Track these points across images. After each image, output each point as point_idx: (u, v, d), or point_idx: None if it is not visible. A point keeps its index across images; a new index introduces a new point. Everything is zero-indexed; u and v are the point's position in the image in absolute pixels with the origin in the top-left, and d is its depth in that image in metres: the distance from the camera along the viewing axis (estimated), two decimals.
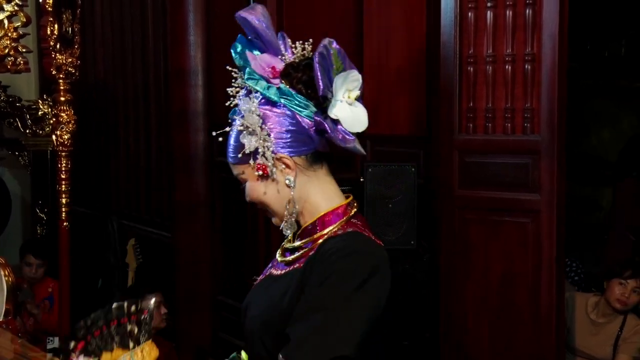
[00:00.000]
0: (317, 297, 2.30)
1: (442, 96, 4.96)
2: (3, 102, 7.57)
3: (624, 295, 5.40)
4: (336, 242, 2.40)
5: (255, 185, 2.50)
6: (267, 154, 2.42)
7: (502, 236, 4.78)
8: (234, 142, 2.50)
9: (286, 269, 2.54)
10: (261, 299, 2.55)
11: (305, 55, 2.52)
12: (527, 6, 4.70)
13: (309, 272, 2.38)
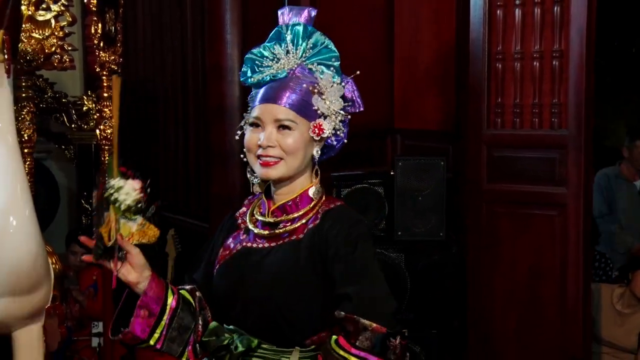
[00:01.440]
0: (356, 256, 2.49)
1: (471, 92, 4.94)
2: (50, 98, 7.57)
3: None
4: (340, 213, 2.62)
5: (298, 139, 2.55)
6: (332, 123, 2.58)
7: (529, 229, 4.74)
8: (305, 96, 2.56)
9: (278, 240, 2.60)
10: (264, 268, 2.57)
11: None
12: (556, 3, 4.67)
13: (328, 240, 2.51)
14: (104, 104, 4.29)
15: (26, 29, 3.96)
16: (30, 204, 3.65)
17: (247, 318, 2.60)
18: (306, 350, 2.59)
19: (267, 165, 2.56)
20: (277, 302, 2.54)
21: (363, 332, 2.39)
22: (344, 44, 5.01)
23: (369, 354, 2.39)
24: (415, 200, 5.00)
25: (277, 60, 2.61)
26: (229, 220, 2.86)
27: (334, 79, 2.61)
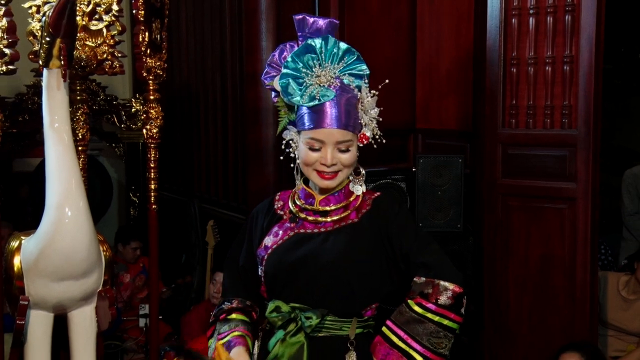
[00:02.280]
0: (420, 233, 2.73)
1: (488, 95, 4.95)
2: (102, 100, 7.64)
3: None
4: (387, 199, 2.82)
5: (353, 152, 2.66)
6: (371, 130, 2.70)
7: (541, 221, 4.76)
8: (353, 111, 2.64)
9: (333, 225, 2.72)
10: (327, 250, 2.66)
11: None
12: (567, 12, 4.66)
13: (383, 221, 2.69)
14: (150, 105, 4.32)
15: (80, 38, 3.98)
16: (84, 197, 3.68)
17: (312, 293, 2.67)
18: (362, 320, 2.71)
19: (328, 179, 2.65)
20: (343, 277, 2.64)
21: (444, 292, 2.56)
22: (372, 53, 5.05)
23: (448, 311, 2.56)
24: (435, 195, 5.02)
25: (314, 75, 2.61)
26: (265, 213, 2.90)
27: (367, 85, 2.68)
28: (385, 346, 2.63)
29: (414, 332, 2.58)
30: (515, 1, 4.83)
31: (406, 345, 2.59)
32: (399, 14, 5.44)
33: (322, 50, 2.61)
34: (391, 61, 5.49)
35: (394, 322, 2.64)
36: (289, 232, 2.75)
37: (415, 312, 2.59)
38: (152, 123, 4.34)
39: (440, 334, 2.57)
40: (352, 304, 2.68)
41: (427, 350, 2.57)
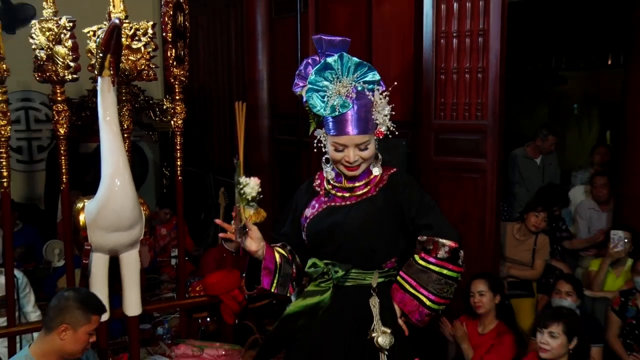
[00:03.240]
0: (424, 201, 2.66)
1: (424, 95, 4.94)
2: (141, 100, 7.65)
3: (537, 222, 5.48)
4: (400, 174, 2.74)
5: (372, 147, 2.60)
6: (386, 126, 2.63)
7: (462, 187, 4.79)
8: (365, 120, 2.57)
9: (357, 198, 2.67)
10: (352, 218, 2.63)
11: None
12: (480, 36, 4.66)
13: (397, 192, 2.64)
14: (176, 103, 4.36)
15: (125, 54, 3.99)
16: (128, 171, 3.70)
17: (341, 252, 2.65)
18: (383, 271, 2.70)
19: (353, 170, 2.61)
20: (365, 238, 2.62)
21: (442, 248, 2.54)
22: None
23: (445, 262, 2.55)
24: None
25: (333, 89, 2.55)
26: (307, 189, 2.88)
27: (379, 90, 2.64)
28: (401, 292, 2.62)
29: (421, 280, 2.57)
30: (443, 27, 4.83)
31: (415, 291, 2.58)
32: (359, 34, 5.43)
33: (338, 66, 2.54)
34: None
35: (405, 272, 2.63)
36: (323, 205, 2.73)
37: (420, 264, 2.58)
38: (177, 116, 4.40)
39: (442, 281, 2.56)
40: (372, 259, 2.67)
41: (432, 294, 2.56)
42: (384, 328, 2.58)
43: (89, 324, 3.03)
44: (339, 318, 2.67)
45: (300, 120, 5.72)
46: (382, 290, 2.67)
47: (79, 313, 3.00)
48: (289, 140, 6.08)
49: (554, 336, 3.71)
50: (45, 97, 5.14)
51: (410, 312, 2.62)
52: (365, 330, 2.60)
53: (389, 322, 2.62)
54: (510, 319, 4.62)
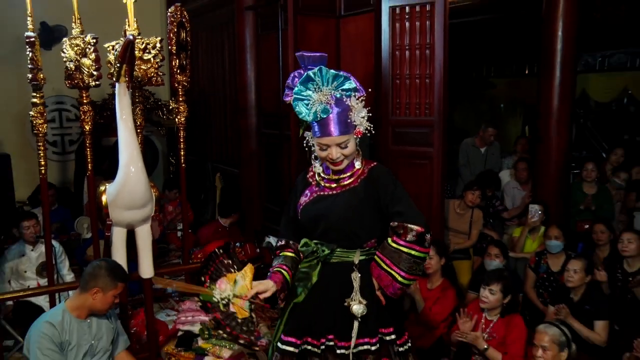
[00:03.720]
0: (397, 191, 2.57)
1: (383, 96, 4.96)
2: (152, 102, 7.61)
3: (473, 199, 5.50)
4: (379, 168, 2.67)
5: (352, 145, 2.56)
6: (364, 125, 2.58)
7: (415, 172, 4.80)
8: (344, 123, 2.52)
9: (342, 189, 2.62)
10: (337, 205, 2.59)
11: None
12: (427, 49, 4.71)
13: (375, 183, 2.58)
14: (180, 104, 4.32)
15: (137, 64, 3.95)
16: (141, 160, 3.70)
17: (328, 234, 2.62)
18: (363, 250, 2.65)
19: (337, 165, 2.58)
20: (348, 223, 2.58)
21: (410, 232, 2.48)
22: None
23: (413, 244, 2.49)
24: None
25: (315, 98, 2.49)
26: (302, 180, 2.80)
27: (357, 95, 2.57)
28: (377, 269, 2.58)
29: (394, 259, 2.52)
30: (397, 41, 4.85)
31: (389, 268, 2.54)
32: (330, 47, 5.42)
33: (318, 77, 2.49)
34: None
35: (381, 252, 2.58)
36: (314, 194, 2.68)
37: (392, 246, 2.53)
38: (181, 115, 4.35)
39: (411, 260, 2.51)
40: (354, 240, 2.63)
41: (403, 272, 2.52)
42: (361, 299, 2.55)
43: (115, 288, 3.13)
44: (326, 291, 2.64)
45: (282, 117, 5.70)
46: (363, 267, 2.63)
47: (108, 280, 3.11)
48: (273, 134, 6.06)
49: (492, 293, 3.83)
50: (74, 100, 5.10)
51: (386, 286, 2.57)
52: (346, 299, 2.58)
53: (367, 294, 2.59)
54: (452, 277, 4.71)
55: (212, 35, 7.45)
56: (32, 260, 4.89)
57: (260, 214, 6.47)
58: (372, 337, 2.61)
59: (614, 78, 8.86)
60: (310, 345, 2.66)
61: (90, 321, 3.19)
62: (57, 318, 3.09)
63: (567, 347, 3.36)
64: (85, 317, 3.17)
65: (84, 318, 3.16)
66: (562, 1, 5.18)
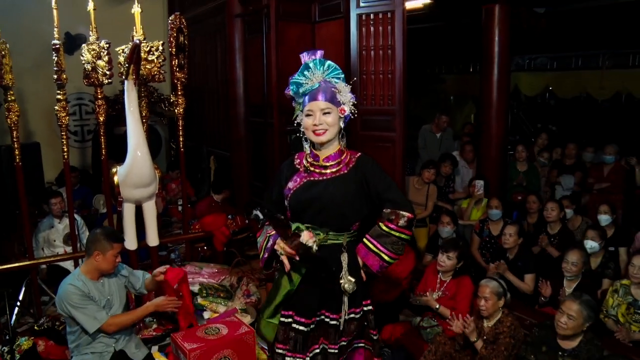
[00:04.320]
0: (385, 180, 2.44)
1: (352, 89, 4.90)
2: (155, 96, 7.51)
3: (429, 176, 5.48)
4: (365, 157, 2.51)
5: (334, 117, 2.39)
6: (349, 107, 2.45)
7: (381, 154, 4.74)
8: (330, 94, 2.39)
9: (332, 175, 2.45)
10: (330, 191, 2.42)
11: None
12: (389, 49, 4.66)
13: (363, 172, 2.43)
14: (179, 97, 4.28)
15: (143, 64, 3.91)
16: (146, 145, 3.67)
17: (319, 218, 2.43)
18: (350, 233, 2.49)
19: (320, 135, 2.40)
20: (339, 208, 2.41)
21: (402, 218, 2.41)
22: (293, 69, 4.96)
23: (404, 229, 2.42)
24: None
25: (309, 79, 2.41)
26: (289, 166, 2.60)
27: (343, 82, 2.46)
28: (365, 249, 2.49)
29: (382, 241, 2.45)
30: (364, 43, 4.80)
31: (377, 250, 2.46)
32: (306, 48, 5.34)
33: (314, 65, 2.41)
34: None
35: (370, 235, 2.49)
36: (304, 180, 2.49)
37: (384, 230, 2.45)
38: (180, 107, 4.33)
39: (399, 242, 2.45)
40: (344, 224, 2.46)
41: (390, 252, 2.45)
42: (349, 277, 2.44)
43: (112, 249, 3.13)
44: (315, 272, 2.49)
45: (266, 108, 5.64)
46: (350, 248, 2.50)
47: (105, 243, 3.11)
48: (258, 122, 6.01)
49: (450, 258, 3.87)
50: (91, 96, 5.08)
51: (372, 265, 2.48)
52: (335, 279, 2.46)
53: (353, 272, 2.47)
54: (412, 242, 4.73)
55: (207, 39, 7.34)
56: (59, 231, 4.96)
57: (248, 190, 6.43)
58: (357, 307, 2.54)
59: (538, 77, 9.14)
60: (299, 324, 2.52)
61: (103, 281, 3.19)
62: (75, 281, 3.10)
63: (503, 296, 3.41)
64: (98, 278, 3.17)
65: (97, 279, 3.17)
66: (497, 13, 5.37)
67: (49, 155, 6.56)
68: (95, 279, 3.16)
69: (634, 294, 3.66)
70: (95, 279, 3.16)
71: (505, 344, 3.26)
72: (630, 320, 3.63)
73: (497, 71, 5.40)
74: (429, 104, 10.07)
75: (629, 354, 2.85)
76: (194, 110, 7.45)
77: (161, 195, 3.93)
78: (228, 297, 3.96)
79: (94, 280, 3.15)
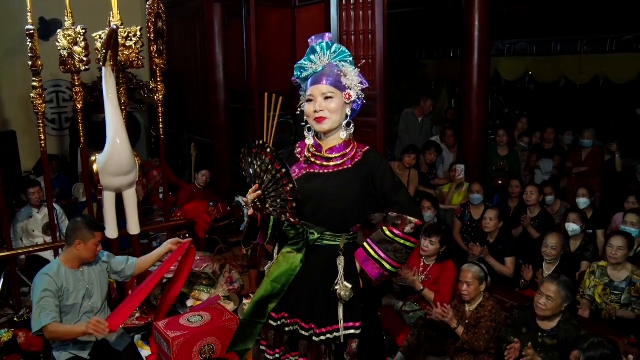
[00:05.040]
0: (394, 180, 2.19)
1: None
2: (134, 83, 7.44)
3: (410, 161, 5.52)
4: (373, 153, 2.27)
5: (338, 103, 2.16)
6: (356, 91, 2.21)
7: (363, 139, 4.68)
8: (334, 77, 2.17)
9: (334, 168, 2.21)
10: (330, 186, 2.17)
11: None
12: (369, 34, 4.63)
13: (369, 168, 2.18)
14: (158, 83, 4.21)
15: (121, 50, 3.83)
16: (125, 133, 3.64)
17: (316, 216, 2.18)
18: (349, 234, 2.24)
19: (320, 122, 2.16)
20: (340, 205, 2.17)
21: (409, 224, 2.14)
22: (272, 52, 4.92)
23: (410, 236, 2.15)
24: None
25: (314, 63, 2.20)
26: (289, 156, 2.33)
27: (351, 66, 2.22)
28: (364, 255, 2.20)
29: (385, 248, 2.17)
30: (344, 28, 4.74)
31: (378, 256, 2.17)
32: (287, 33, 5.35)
33: (321, 48, 2.20)
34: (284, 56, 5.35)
35: (372, 240, 2.21)
36: (303, 171, 2.24)
37: (388, 235, 2.17)
38: (159, 93, 4.27)
39: (403, 251, 2.17)
40: (343, 224, 2.21)
41: (394, 261, 2.17)
42: (346, 283, 2.17)
43: (94, 238, 3.09)
44: (308, 275, 2.24)
45: (246, 94, 5.60)
46: (347, 251, 2.23)
47: (86, 231, 3.07)
48: (238, 108, 5.99)
49: (432, 243, 3.90)
50: (68, 83, 5.00)
51: (370, 272, 2.20)
52: (330, 284, 2.19)
53: (350, 278, 2.20)
54: None
55: (186, 24, 7.26)
56: (38, 221, 4.91)
57: (228, 176, 6.40)
58: (356, 321, 2.22)
59: (518, 61, 9.18)
60: (283, 321, 2.30)
61: (83, 270, 3.16)
62: (52, 270, 3.06)
63: (485, 281, 3.45)
64: (78, 267, 3.14)
65: (77, 268, 3.13)
66: None
67: (25, 144, 6.49)
68: (75, 268, 3.12)
69: (611, 275, 3.73)
70: (76, 267, 3.13)
71: (487, 328, 3.31)
72: (606, 301, 3.70)
73: (477, 56, 5.41)
74: (410, 89, 10.07)
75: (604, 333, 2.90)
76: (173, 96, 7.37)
77: (142, 183, 3.89)
78: (211, 285, 3.95)
79: (73, 269, 3.12)
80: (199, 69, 6.98)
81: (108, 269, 3.32)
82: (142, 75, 7.67)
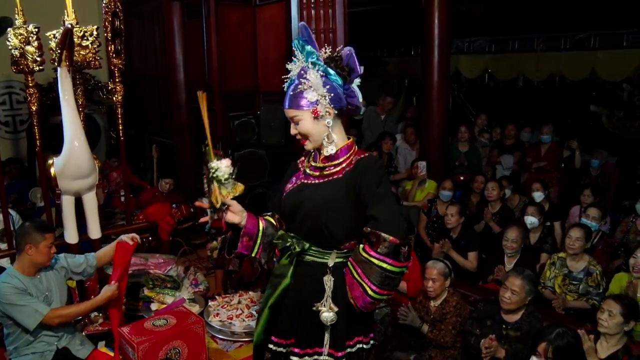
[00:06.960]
0: (379, 190, 1.93)
1: None
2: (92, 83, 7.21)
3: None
4: (368, 160, 2.05)
5: (307, 123, 2.01)
6: (324, 104, 1.98)
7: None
8: (296, 97, 2.00)
9: (324, 178, 2.07)
10: (315, 196, 2.04)
11: (330, 54, 2.06)
12: (330, 32, 4.65)
13: (358, 178, 1.97)
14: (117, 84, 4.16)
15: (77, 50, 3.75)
16: (83, 135, 3.56)
17: (303, 228, 2.08)
18: (341, 252, 2.07)
19: (303, 143, 2.07)
20: (324, 218, 2.01)
21: (383, 242, 1.87)
22: (235, 52, 4.87)
23: (385, 257, 1.88)
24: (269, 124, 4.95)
25: (292, 67, 2.07)
26: (294, 166, 2.25)
27: (321, 67, 2.00)
28: (350, 277, 1.96)
29: (365, 270, 1.91)
30: None
31: (360, 279, 1.91)
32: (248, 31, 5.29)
33: (295, 48, 2.08)
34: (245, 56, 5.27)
35: (354, 259, 1.96)
36: (299, 181, 2.15)
37: (363, 256, 1.91)
38: (118, 94, 4.20)
39: (383, 274, 1.89)
40: (328, 239, 2.04)
41: (374, 285, 1.90)
42: (332, 305, 2.01)
43: (45, 240, 3.01)
44: (297, 292, 2.13)
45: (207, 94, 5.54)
46: (338, 270, 2.05)
47: (36, 234, 2.99)
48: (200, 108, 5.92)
49: None
50: (22, 84, 4.84)
51: (356, 297, 1.96)
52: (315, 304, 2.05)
53: (339, 300, 2.02)
54: None
55: (144, 23, 7.12)
56: None
57: (192, 177, 6.33)
58: (338, 351, 2.08)
59: (477, 59, 9.39)
60: (276, 345, 2.20)
61: (40, 277, 3.07)
62: (11, 279, 2.97)
63: (449, 276, 3.50)
64: (35, 274, 3.05)
65: (33, 275, 3.05)
66: None
67: None
68: (31, 275, 3.03)
69: (569, 265, 3.84)
70: (32, 274, 3.03)
71: (453, 323, 3.36)
72: (565, 291, 3.81)
73: (437, 54, 5.49)
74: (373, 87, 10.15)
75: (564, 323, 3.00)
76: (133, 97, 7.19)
77: (102, 186, 3.80)
78: (175, 288, 3.90)
79: (30, 277, 3.02)
80: (159, 68, 6.87)
81: (66, 273, 3.24)
82: (100, 76, 7.46)
